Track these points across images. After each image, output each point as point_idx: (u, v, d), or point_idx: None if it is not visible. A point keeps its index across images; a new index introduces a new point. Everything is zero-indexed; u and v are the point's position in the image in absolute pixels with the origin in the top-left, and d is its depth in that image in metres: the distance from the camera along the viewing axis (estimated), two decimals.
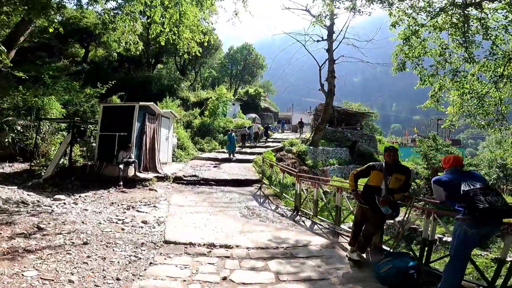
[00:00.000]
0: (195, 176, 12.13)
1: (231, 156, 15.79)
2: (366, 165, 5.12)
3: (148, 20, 11.97)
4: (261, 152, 17.97)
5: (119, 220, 6.93)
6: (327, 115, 21.59)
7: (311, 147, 20.74)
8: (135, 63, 31.83)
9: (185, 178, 11.85)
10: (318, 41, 23.30)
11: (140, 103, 10.70)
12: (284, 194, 10.40)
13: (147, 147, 11.14)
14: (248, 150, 19.26)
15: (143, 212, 7.76)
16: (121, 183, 9.91)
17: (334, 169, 21.01)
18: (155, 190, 10.06)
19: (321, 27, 22.80)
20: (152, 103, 11.62)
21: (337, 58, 22.32)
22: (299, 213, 8.60)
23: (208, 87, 37.61)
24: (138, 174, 10.36)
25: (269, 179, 11.70)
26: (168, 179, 11.49)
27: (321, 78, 21.81)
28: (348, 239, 5.70)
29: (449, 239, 6.90)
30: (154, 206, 8.31)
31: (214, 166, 14.32)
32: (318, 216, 7.88)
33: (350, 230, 6.25)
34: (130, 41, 11.88)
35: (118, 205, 8.18)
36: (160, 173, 11.27)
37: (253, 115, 30.20)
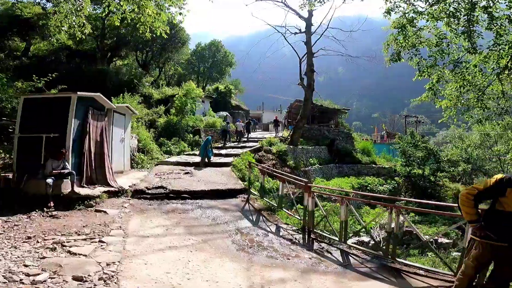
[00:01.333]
0: (162, 187, 9.18)
1: (203, 166, 12.71)
2: (496, 180, 2.83)
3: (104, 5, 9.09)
4: (238, 154, 15.34)
5: (29, 275, 3.96)
6: (307, 111, 19.54)
7: (291, 147, 18.51)
8: (88, 58, 27.33)
9: (149, 191, 8.87)
10: (295, 33, 21.19)
11: (79, 93, 7.54)
12: (284, 208, 7.96)
13: (92, 152, 7.98)
14: (223, 151, 16.48)
15: (79, 254, 4.79)
16: (51, 203, 6.74)
17: (315, 170, 19.01)
18: (104, 212, 7.00)
19: (299, 18, 20.75)
20: (98, 94, 8.46)
21: (316, 52, 20.35)
22: (311, 236, 6.20)
23: (173, 85, 33.93)
24: (77, 189, 7.21)
25: (262, 190, 9.13)
26: (124, 194, 8.42)
27: (301, 72, 19.67)
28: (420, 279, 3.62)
29: None
30: (100, 241, 5.34)
31: (186, 173, 11.39)
32: (348, 243, 5.52)
33: (419, 266, 4.66)
34: (75, 24, 8.95)
35: (37, 242, 5.11)
36: (112, 186, 8.18)
37: (224, 113, 27.38)
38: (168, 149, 15.59)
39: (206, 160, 12.86)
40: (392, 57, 11.01)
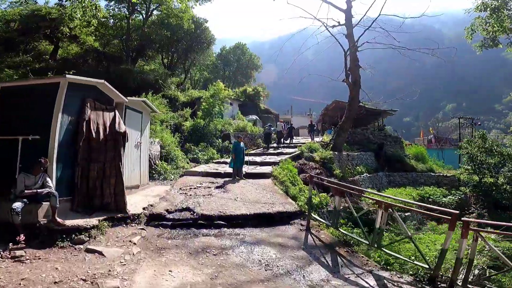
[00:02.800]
0: (188, 210, 6.61)
1: (237, 177, 9.96)
2: None
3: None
4: (275, 162, 12.62)
5: None
6: (353, 112, 16.40)
7: (335, 153, 15.48)
8: (114, 59, 26.03)
9: (170, 215, 6.32)
10: (333, 26, 18.28)
11: (71, 77, 5.21)
12: (384, 248, 5.10)
13: (92, 161, 5.51)
14: (258, 159, 13.81)
15: None
16: (21, 236, 4.34)
17: (364, 179, 15.81)
18: (99, 254, 4.51)
19: (338, 10, 17.85)
20: (102, 81, 6.11)
21: (361, 45, 17.27)
22: None
23: (199, 89, 32.06)
24: (59, 219, 4.74)
25: (336, 216, 6.32)
26: (135, 221, 5.91)
27: (346, 68, 16.68)
28: None
29: None
30: None
31: (218, 187, 8.79)
32: None
33: None
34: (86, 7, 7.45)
35: None
36: (121, 211, 5.66)
37: (254, 117, 24.83)
38: (195, 156, 13.17)
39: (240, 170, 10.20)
40: (484, 43, 8.75)
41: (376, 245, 4.95)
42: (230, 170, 11.01)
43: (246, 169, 10.72)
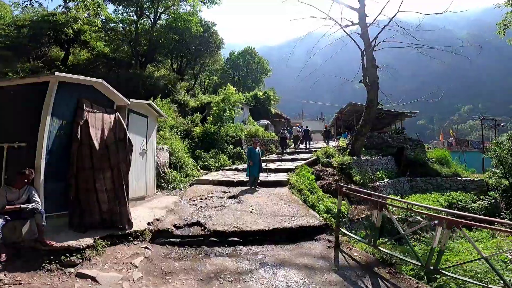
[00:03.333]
0: (199, 224, 5.84)
1: (252, 187, 9.14)
2: None
3: None
4: (291, 169, 11.79)
5: None
6: (372, 115, 15.42)
7: (354, 158, 14.51)
8: (124, 65, 25.87)
9: (179, 232, 5.56)
10: (346, 26, 17.46)
11: (62, 75, 4.58)
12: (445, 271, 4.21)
13: (90, 170, 4.80)
14: (272, 165, 13.00)
15: None
16: (2, 257, 3.67)
17: (385, 185, 14.76)
18: (92, 279, 3.77)
19: (351, 9, 17.03)
20: (100, 80, 5.44)
21: (377, 44, 16.37)
22: None
23: (209, 93, 31.61)
24: (47, 239, 4.05)
25: (375, 232, 5.39)
26: (139, 238, 5.16)
27: (363, 67, 15.79)
28: None
29: None
30: None
31: (231, 197, 8.01)
32: None
33: None
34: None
35: None
36: (124, 228, 4.92)
37: (266, 122, 24.07)
38: (205, 163, 12.46)
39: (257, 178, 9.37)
40: None
41: (432, 267, 4.02)
42: (242, 178, 10.25)
43: (260, 177, 9.92)
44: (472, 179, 16.99)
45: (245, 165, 13.52)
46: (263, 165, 9.94)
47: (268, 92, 31.04)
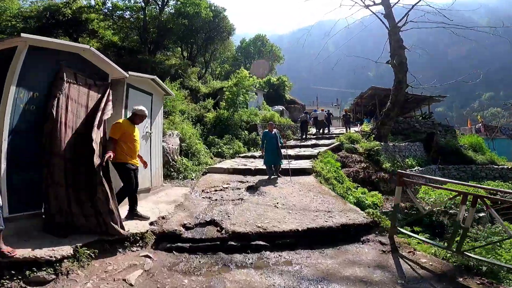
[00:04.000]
0: (213, 223, 4.61)
1: (273, 175, 7.75)
2: None
3: None
4: (313, 155, 10.47)
5: None
6: (401, 97, 13.80)
7: (381, 144, 12.97)
8: (133, 53, 24.70)
9: (189, 234, 4.33)
10: (368, 6, 15.62)
11: (31, 37, 3.44)
12: None
13: (70, 159, 3.59)
14: (291, 152, 11.66)
15: None
16: None
17: (416, 173, 13.17)
18: None
19: None
20: (87, 46, 4.26)
21: (403, 24, 14.65)
22: None
23: (221, 81, 30.26)
24: (5, 247, 2.88)
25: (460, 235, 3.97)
26: (138, 243, 3.97)
27: (390, 48, 14.11)
28: None
29: None
30: None
31: (249, 188, 6.76)
32: None
33: None
34: None
35: None
36: (110, 233, 3.70)
37: (280, 107, 22.59)
38: (219, 150, 11.24)
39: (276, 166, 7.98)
40: None
41: None
42: (260, 165, 8.97)
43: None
44: (510, 167, 15.12)
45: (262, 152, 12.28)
46: (282, 151, 8.58)
47: (282, 78, 29.38)
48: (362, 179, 10.75)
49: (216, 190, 6.58)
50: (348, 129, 17.90)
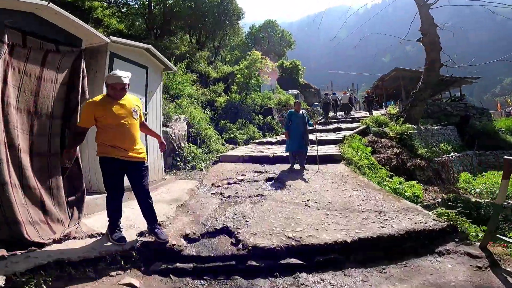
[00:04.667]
0: (226, 232, 3.29)
1: (296, 166, 6.38)
2: None
3: None
4: (337, 139, 9.06)
5: None
6: (434, 78, 12.19)
7: (414, 127, 11.31)
8: (140, 40, 23.42)
9: (192, 250, 3.02)
10: None
11: None
12: None
13: (20, 147, 2.35)
14: (312, 136, 10.20)
15: None
16: None
17: (453, 160, 11.54)
18: None
19: None
20: (45, 3, 2.92)
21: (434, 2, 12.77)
22: None
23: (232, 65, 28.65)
24: None
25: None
26: (119, 265, 2.70)
27: (422, 25, 12.29)
28: None
29: None
30: None
31: (269, 180, 5.42)
32: None
33: None
34: None
35: None
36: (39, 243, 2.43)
37: (295, 91, 20.95)
38: (231, 136, 9.92)
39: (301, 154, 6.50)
40: None
41: None
42: (280, 152, 7.62)
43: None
44: None
45: (279, 137, 10.84)
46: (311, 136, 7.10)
47: (295, 62, 27.51)
48: (395, 166, 9.23)
49: (229, 184, 5.27)
50: (370, 111, 16.18)
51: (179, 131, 7.65)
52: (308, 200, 4.27)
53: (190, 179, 5.72)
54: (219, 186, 5.15)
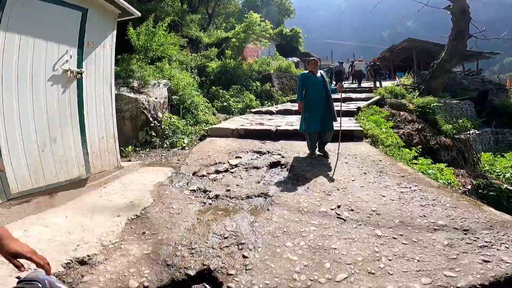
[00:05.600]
0: (206, 279, 1.65)
1: (318, 152, 4.25)
2: None
3: None
4: (350, 111, 7.40)
5: None
6: (461, 48, 10.55)
7: (435, 99, 9.60)
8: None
9: None
10: None
11: None
12: None
13: None
14: None
15: None
16: None
17: (474, 137, 10.04)
18: None
19: None
20: None
21: None
22: None
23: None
24: None
25: None
26: None
27: None
28: None
29: None
30: None
31: (273, 167, 3.76)
32: None
33: None
34: None
35: None
36: None
37: (295, 59, 18.75)
38: (225, 104, 8.10)
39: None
40: None
41: None
42: (283, 125, 5.93)
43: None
44: None
45: (280, 106, 9.06)
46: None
47: (296, 29, 24.83)
48: (418, 144, 7.70)
49: (217, 172, 3.61)
50: (378, 82, 14.16)
51: (156, 98, 5.81)
52: (339, 207, 2.65)
53: (165, 164, 4.00)
54: (203, 176, 3.48)
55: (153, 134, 5.11)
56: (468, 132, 10.09)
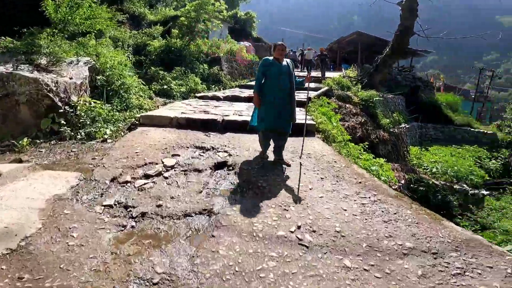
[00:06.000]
0: None
1: (274, 156, 3.48)
2: None
3: None
4: (301, 101, 6.95)
5: None
6: (404, 45, 11.02)
7: (376, 93, 9.98)
8: None
9: None
10: None
11: None
12: None
13: None
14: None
15: None
16: None
17: (404, 132, 10.87)
18: None
19: None
20: None
21: None
22: None
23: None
24: None
25: None
26: None
27: None
28: None
29: None
30: None
31: (218, 167, 3.08)
32: None
33: None
34: None
35: None
36: None
37: (247, 43, 17.80)
38: (165, 87, 6.97)
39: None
40: None
41: None
42: (232, 114, 5.27)
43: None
44: (484, 131, 13.63)
45: (228, 92, 8.26)
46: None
47: (251, 13, 23.73)
48: (360, 138, 7.80)
49: (147, 176, 2.78)
50: (324, 72, 14.15)
51: (71, 78, 4.51)
52: (299, 228, 2.14)
53: (71, 166, 2.97)
54: (126, 183, 2.62)
55: (63, 122, 3.91)
56: (401, 126, 10.87)
